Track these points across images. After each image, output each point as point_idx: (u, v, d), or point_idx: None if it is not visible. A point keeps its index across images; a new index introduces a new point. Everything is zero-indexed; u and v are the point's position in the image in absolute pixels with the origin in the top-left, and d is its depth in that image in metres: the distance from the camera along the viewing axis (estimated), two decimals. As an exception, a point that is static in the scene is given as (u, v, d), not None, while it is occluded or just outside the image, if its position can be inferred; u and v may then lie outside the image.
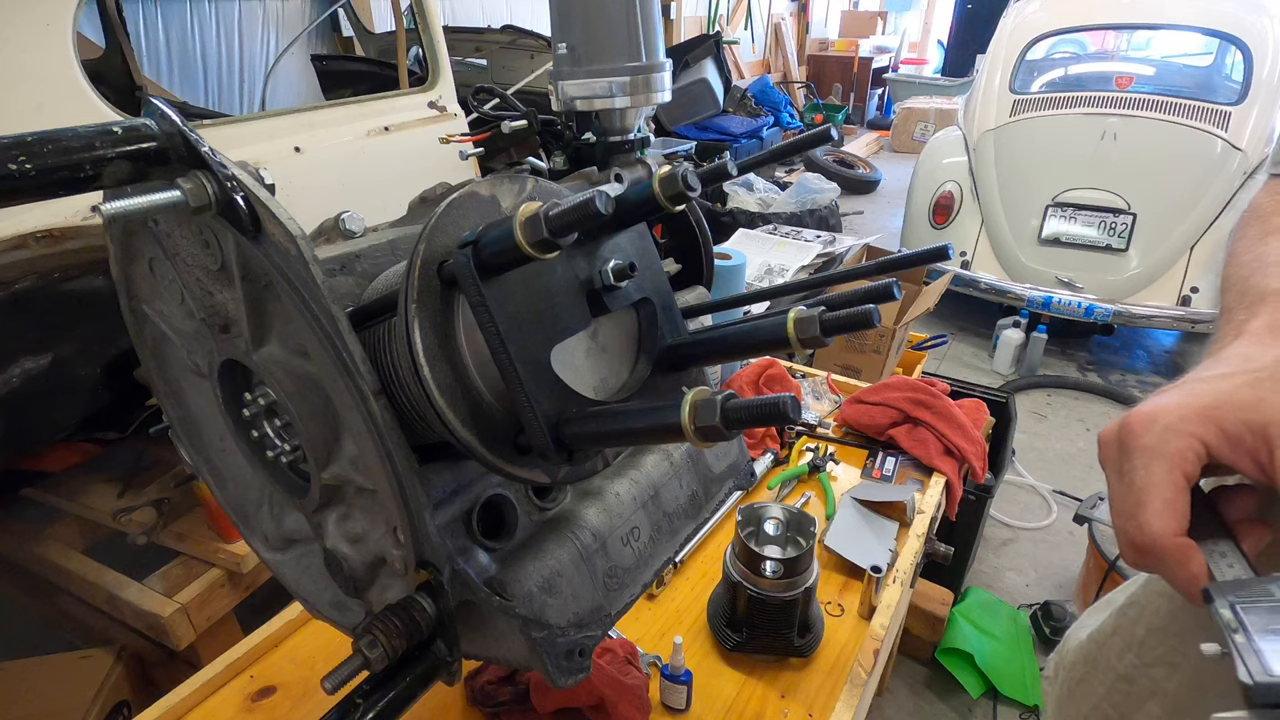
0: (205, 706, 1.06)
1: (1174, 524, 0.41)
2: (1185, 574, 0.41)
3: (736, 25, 8.98)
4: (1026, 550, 2.60)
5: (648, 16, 0.84)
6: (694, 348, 0.65)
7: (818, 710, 1.05)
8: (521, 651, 0.62)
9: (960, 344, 4.08)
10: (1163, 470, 0.42)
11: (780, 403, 0.41)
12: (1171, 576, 0.42)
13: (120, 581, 1.70)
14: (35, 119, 1.58)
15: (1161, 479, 0.42)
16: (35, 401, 1.56)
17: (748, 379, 1.75)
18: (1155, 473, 0.42)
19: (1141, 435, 0.43)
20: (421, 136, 2.47)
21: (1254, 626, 0.37)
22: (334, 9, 5.02)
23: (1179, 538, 0.41)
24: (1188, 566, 0.41)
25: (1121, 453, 0.44)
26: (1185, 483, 0.42)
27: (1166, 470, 0.42)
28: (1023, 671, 2.02)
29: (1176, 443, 0.42)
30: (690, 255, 0.95)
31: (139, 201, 0.45)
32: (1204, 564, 0.41)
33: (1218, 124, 3.64)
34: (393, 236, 0.70)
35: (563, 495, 0.71)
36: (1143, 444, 0.43)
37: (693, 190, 0.51)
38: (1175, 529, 0.41)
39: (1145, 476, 0.42)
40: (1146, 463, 0.42)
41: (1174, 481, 0.42)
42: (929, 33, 11.62)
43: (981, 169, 4.05)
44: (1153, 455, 0.42)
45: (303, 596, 0.76)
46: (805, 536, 1.12)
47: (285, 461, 0.68)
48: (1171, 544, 0.41)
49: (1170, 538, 0.41)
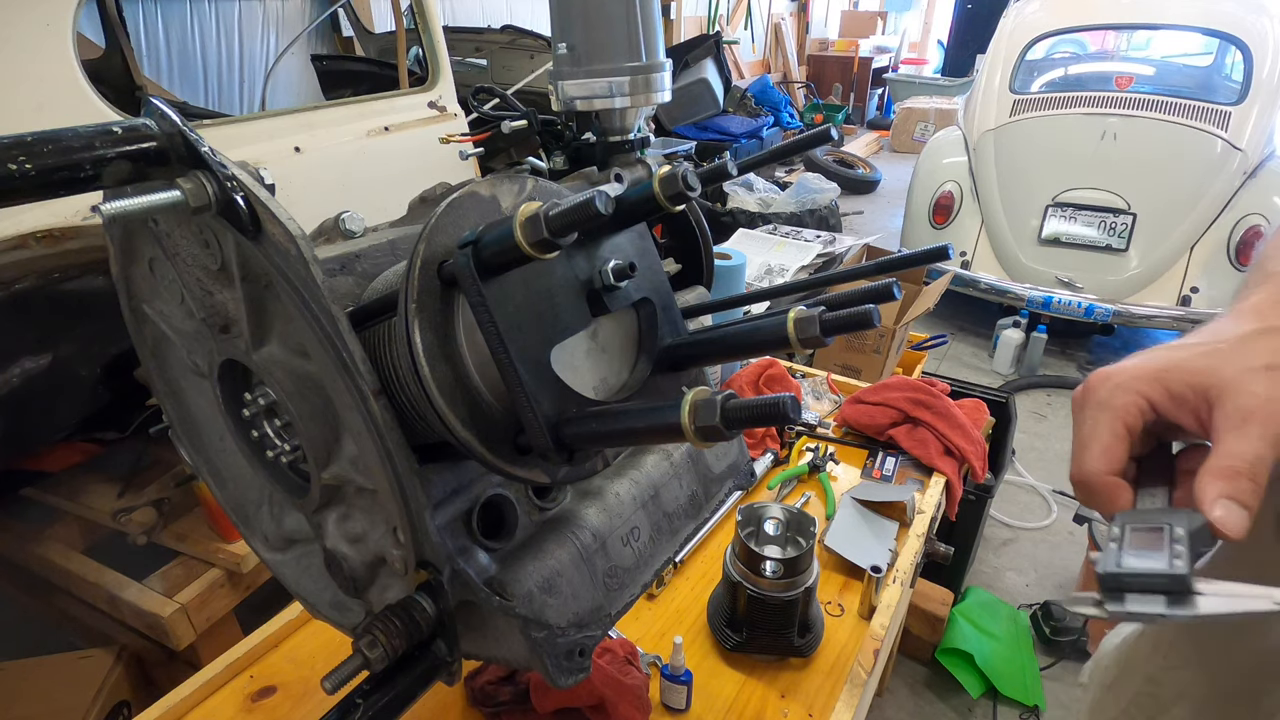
0: (205, 706, 1.06)
1: (1106, 465, 0.48)
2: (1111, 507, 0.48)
3: (736, 25, 8.98)
4: (1026, 550, 2.60)
5: (648, 16, 0.84)
6: (694, 348, 0.65)
7: (818, 710, 1.05)
8: (521, 651, 0.62)
9: (960, 344, 4.08)
10: (1106, 420, 0.49)
11: (780, 403, 0.41)
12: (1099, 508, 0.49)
13: (120, 581, 1.70)
14: (35, 119, 1.58)
15: (1104, 428, 0.48)
16: (35, 401, 1.56)
17: (748, 379, 1.75)
18: (1100, 422, 0.49)
19: (1096, 391, 0.50)
20: (421, 136, 2.47)
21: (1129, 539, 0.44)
22: (334, 9, 5.02)
23: (1110, 476, 0.48)
24: (1114, 501, 0.48)
25: (1079, 405, 0.52)
26: (1125, 432, 0.48)
27: (1109, 421, 0.48)
28: (1023, 671, 2.02)
29: (1123, 398, 0.49)
30: (690, 255, 0.95)
31: (139, 201, 0.45)
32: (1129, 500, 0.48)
33: (1218, 124, 3.64)
34: (393, 236, 0.70)
35: (563, 495, 0.71)
36: (1096, 398, 0.50)
37: (693, 190, 0.51)
38: (1107, 469, 0.48)
39: (1092, 426, 0.49)
40: (1095, 414, 0.49)
41: (1114, 430, 0.48)
42: (929, 33, 11.62)
43: (981, 169, 4.05)
44: (1101, 408, 0.49)
45: (303, 596, 0.76)
46: (805, 536, 1.12)
47: (285, 461, 0.68)
48: (1102, 481, 0.48)
49: (1102, 476, 0.48)
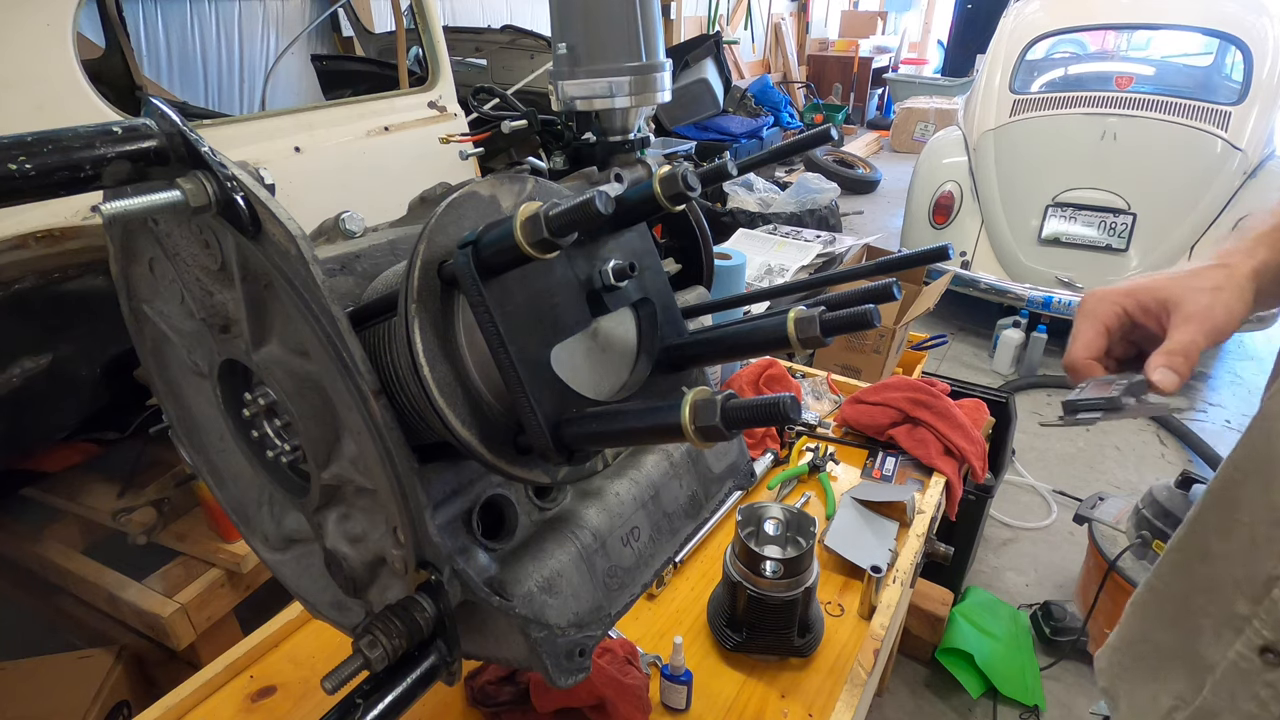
0: (205, 706, 1.06)
1: (1084, 352, 0.66)
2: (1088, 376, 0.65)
3: (736, 25, 8.98)
4: (1026, 550, 2.60)
5: (648, 16, 0.84)
6: (694, 348, 0.65)
7: (818, 710, 1.05)
8: (521, 651, 0.62)
9: (960, 344, 4.08)
10: (1090, 322, 0.66)
11: (780, 403, 0.41)
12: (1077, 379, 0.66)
13: (120, 581, 1.70)
14: (35, 119, 1.57)
15: (1088, 326, 0.66)
16: (35, 401, 1.56)
17: (748, 379, 1.75)
18: (1085, 323, 0.67)
19: (1086, 302, 0.68)
20: (421, 136, 2.47)
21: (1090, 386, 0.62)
22: (334, 9, 5.02)
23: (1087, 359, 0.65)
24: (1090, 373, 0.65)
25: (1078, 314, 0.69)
26: (1105, 330, 0.66)
27: (1092, 322, 0.66)
28: (1023, 671, 2.02)
29: (1102, 307, 0.66)
30: (690, 255, 0.95)
31: (139, 201, 0.45)
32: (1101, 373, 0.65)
33: (1218, 124, 3.64)
34: (393, 236, 0.70)
35: (563, 495, 0.71)
36: (1085, 307, 0.68)
37: (693, 190, 0.51)
38: (1085, 355, 0.65)
39: (1080, 326, 0.67)
40: (1083, 319, 0.67)
41: (1095, 329, 0.66)
42: (929, 33, 11.62)
43: (981, 169, 4.05)
44: (1086, 315, 0.67)
45: (303, 596, 0.76)
46: (805, 536, 1.12)
47: (285, 461, 0.68)
48: (1082, 362, 0.66)
49: (1082, 359, 0.66)
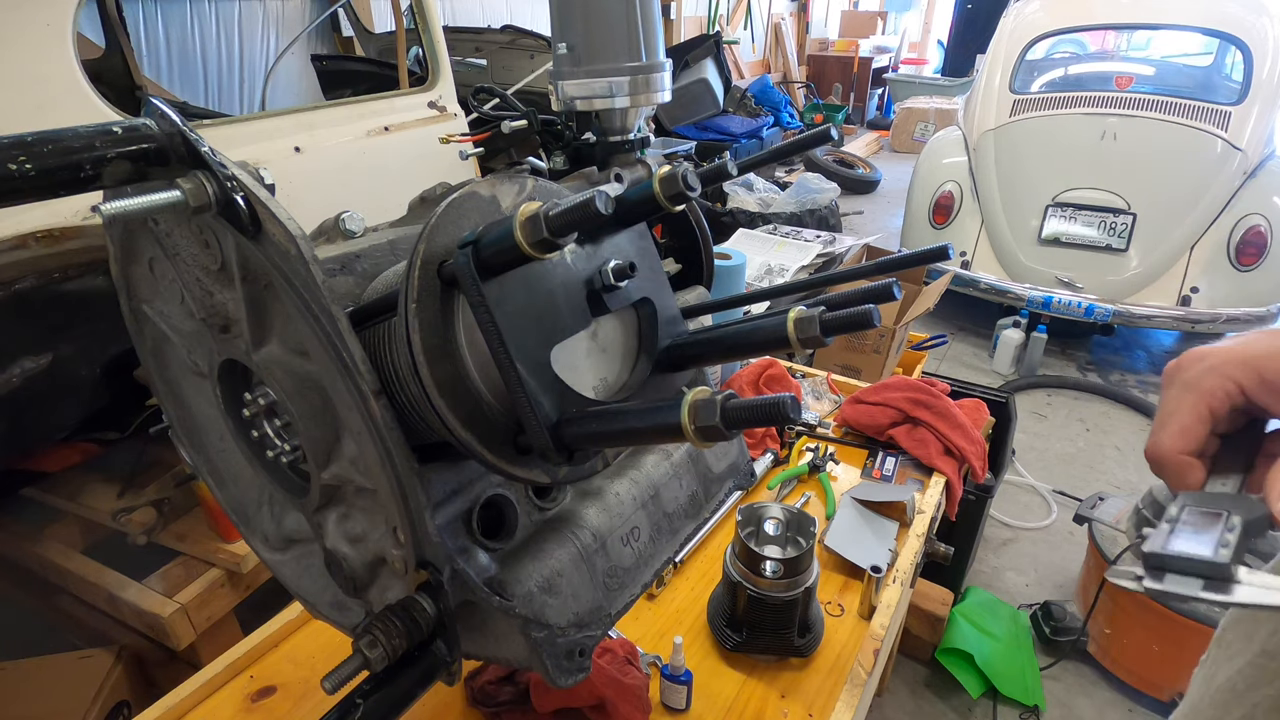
0: (205, 706, 1.06)
1: (1182, 444, 0.49)
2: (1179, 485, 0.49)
3: (736, 25, 8.98)
4: (1026, 550, 2.60)
5: (648, 16, 0.84)
6: (694, 348, 0.65)
7: (818, 710, 1.05)
8: (521, 651, 0.62)
9: (960, 344, 4.08)
10: (1190, 401, 0.49)
11: (780, 403, 0.41)
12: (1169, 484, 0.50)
13: (120, 581, 1.70)
14: (35, 119, 1.57)
15: (1187, 408, 0.49)
16: (35, 401, 1.56)
17: (748, 379, 1.75)
18: (1184, 401, 0.49)
19: (1187, 370, 0.50)
20: (421, 136, 2.47)
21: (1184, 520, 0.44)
22: (334, 9, 5.02)
23: (1183, 455, 0.49)
24: (1183, 479, 0.49)
25: (1168, 380, 0.52)
26: (1208, 414, 0.49)
27: (1194, 402, 0.49)
28: (1023, 671, 2.02)
29: (1211, 381, 0.49)
30: (690, 255, 0.95)
31: (139, 201, 0.45)
32: (1199, 480, 0.48)
33: (1218, 124, 3.64)
34: (393, 236, 0.70)
35: (563, 495, 0.71)
36: (1184, 377, 0.50)
37: (693, 190, 0.51)
38: (1182, 448, 0.49)
39: (1175, 403, 0.50)
40: (1180, 393, 0.50)
41: (1197, 412, 0.49)
42: (929, 33, 11.62)
43: (981, 169, 4.05)
44: (1187, 388, 0.50)
45: (303, 596, 0.76)
46: (805, 536, 1.12)
47: (285, 461, 0.68)
48: (1176, 459, 0.49)
49: (1175, 454, 0.49)
